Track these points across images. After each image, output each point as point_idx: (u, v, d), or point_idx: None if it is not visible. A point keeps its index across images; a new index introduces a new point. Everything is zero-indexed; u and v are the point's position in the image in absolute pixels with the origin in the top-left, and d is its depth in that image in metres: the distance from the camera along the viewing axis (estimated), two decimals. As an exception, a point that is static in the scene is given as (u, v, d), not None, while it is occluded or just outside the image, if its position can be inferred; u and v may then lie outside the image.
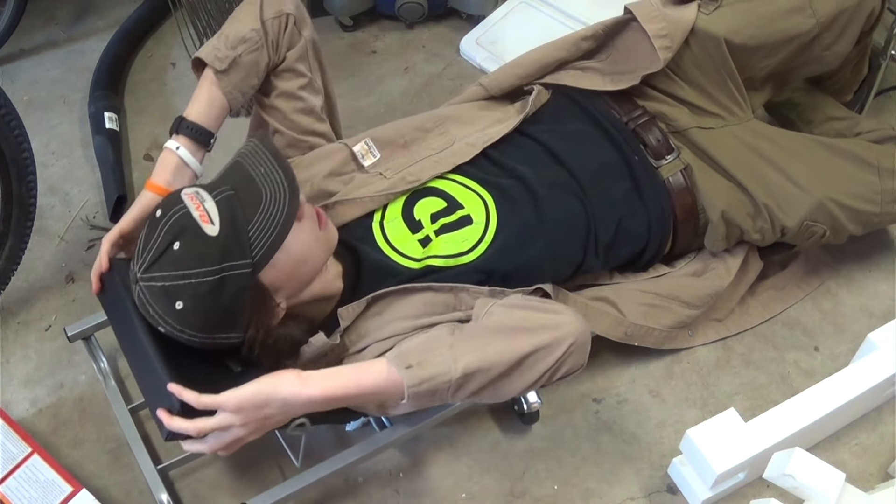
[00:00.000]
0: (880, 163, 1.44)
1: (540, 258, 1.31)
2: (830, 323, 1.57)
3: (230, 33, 1.29)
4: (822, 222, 1.41)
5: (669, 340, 1.48)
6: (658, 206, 1.39)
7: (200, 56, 1.29)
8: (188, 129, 1.26)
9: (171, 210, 1.09)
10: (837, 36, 1.44)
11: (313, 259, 1.18)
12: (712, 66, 1.43)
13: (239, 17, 1.31)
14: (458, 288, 1.24)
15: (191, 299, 1.07)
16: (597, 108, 1.45)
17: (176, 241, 1.07)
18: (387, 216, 1.32)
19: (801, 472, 1.12)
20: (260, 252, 1.09)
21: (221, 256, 1.07)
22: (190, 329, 1.10)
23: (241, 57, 1.28)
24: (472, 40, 2.09)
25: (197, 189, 1.12)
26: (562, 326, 1.09)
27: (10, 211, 1.47)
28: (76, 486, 1.27)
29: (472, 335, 1.11)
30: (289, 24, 1.32)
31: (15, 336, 1.57)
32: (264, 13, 1.30)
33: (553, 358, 1.08)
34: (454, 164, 1.35)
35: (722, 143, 1.43)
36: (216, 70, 1.27)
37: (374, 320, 1.23)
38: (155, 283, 1.08)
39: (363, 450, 1.28)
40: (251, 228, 1.09)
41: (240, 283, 1.08)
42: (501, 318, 1.12)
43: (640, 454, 1.39)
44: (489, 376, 1.07)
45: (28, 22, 2.14)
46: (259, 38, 1.29)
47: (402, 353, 1.09)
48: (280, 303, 1.16)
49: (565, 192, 1.35)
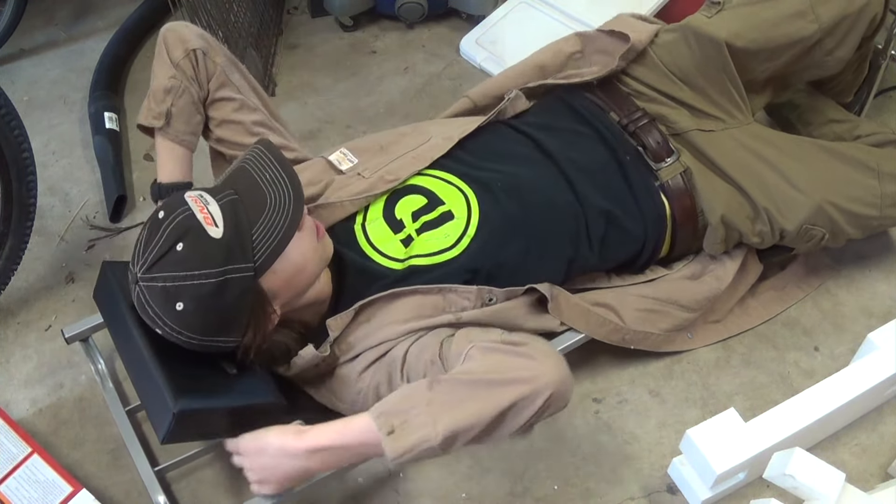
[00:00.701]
0: (880, 167, 1.44)
1: (525, 252, 1.30)
2: (830, 323, 1.57)
3: (154, 89, 1.34)
4: (822, 226, 1.41)
5: (667, 343, 1.48)
6: (652, 207, 1.39)
7: (139, 122, 1.33)
8: (168, 191, 1.32)
9: (174, 212, 1.09)
10: (839, 41, 1.44)
11: (310, 269, 1.19)
12: (713, 68, 1.43)
13: (155, 72, 1.35)
14: (445, 289, 1.24)
15: (192, 300, 1.07)
16: (589, 109, 1.45)
17: (179, 241, 1.07)
18: (368, 217, 1.32)
19: (801, 472, 1.12)
20: (263, 256, 1.09)
21: (225, 258, 1.07)
22: (188, 331, 1.10)
23: (172, 106, 1.32)
24: (472, 40, 2.09)
25: (201, 192, 1.13)
26: (540, 377, 1.05)
27: (10, 211, 1.47)
28: (76, 486, 1.27)
29: (450, 389, 1.06)
30: (198, 58, 1.34)
31: (15, 336, 1.57)
32: (173, 57, 1.33)
33: (534, 408, 1.05)
34: (432, 158, 1.36)
35: (722, 146, 1.43)
36: (159, 128, 1.32)
37: (363, 328, 1.23)
38: (156, 284, 1.08)
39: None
40: (255, 232, 1.09)
41: (242, 287, 1.09)
42: (479, 367, 1.09)
43: (640, 454, 1.39)
44: (472, 434, 1.05)
45: (28, 22, 2.14)
46: (179, 81, 1.33)
47: (383, 411, 1.07)
48: (276, 309, 1.17)
49: (553, 185, 1.35)
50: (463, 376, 1.07)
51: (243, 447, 1.14)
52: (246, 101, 1.39)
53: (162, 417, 1.10)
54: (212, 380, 1.17)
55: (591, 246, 1.35)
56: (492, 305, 1.26)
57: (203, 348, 1.13)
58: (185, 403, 1.09)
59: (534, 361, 1.08)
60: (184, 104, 1.33)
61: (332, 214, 1.32)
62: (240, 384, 1.18)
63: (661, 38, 1.49)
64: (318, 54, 2.14)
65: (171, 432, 1.10)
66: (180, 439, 1.17)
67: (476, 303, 1.25)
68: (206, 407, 1.13)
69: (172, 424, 1.09)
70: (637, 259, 1.43)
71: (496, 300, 1.26)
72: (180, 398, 1.09)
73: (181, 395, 1.10)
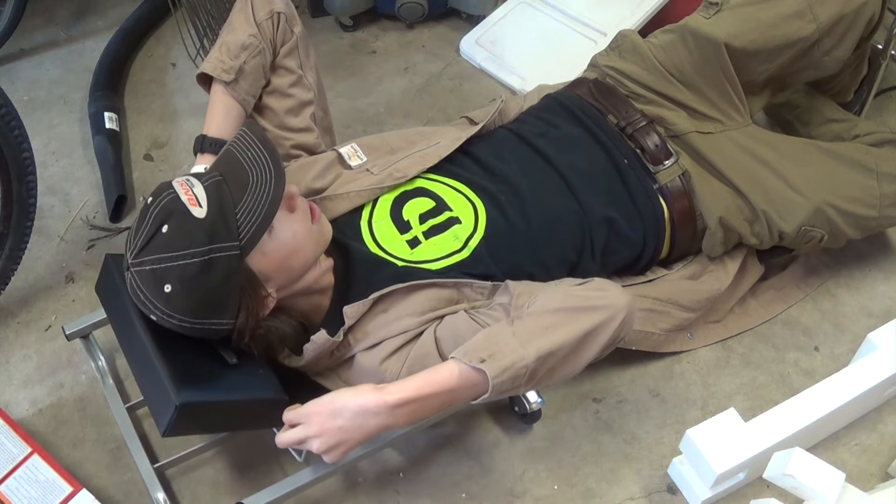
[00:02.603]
0: (878, 167, 1.44)
1: (530, 261, 1.30)
2: (830, 323, 1.57)
3: (230, 43, 1.30)
4: (820, 227, 1.41)
5: (668, 343, 1.48)
6: (650, 210, 1.39)
7: (206, 71, 1.30)
8: (212, 146, 1.29)
9: (160, 196, 1.10)
10: (837, 41, 1.44)
11: (305, 251, 1.18)
12: (711, 69, 1.43)
13: (233, 24, 1.33)
14: (461, 283, 1.24)
15: (179, 281, 1.08)
16: (587, 113, 1.45)
17: (164, 224, 1.08)
18: (375, 215, 1.32)
19: (801, 472, 1.12)
20: (248, 234, 1.09)
21: (209, 238, 1.07)
22: (179, 314, 1.10)
23: (245, 64, 1.30)
24: (472, 40, 2.09)
25: (188, 176, 1.13)
26: (614, 304, 1.12)
27: (10, 211, 1.47)
28: (76, 486, 1.27)
29: (531, 321, 1.11)
30: (281, 22, 1.34)
31: (15, 336, 1.57)
32: (257, 16, 1.31)
33: (611, 330, 1.11)
34: (440, 156, 1.36)
35: (720, 148, 1.42)
36: (225, 82, 1.28)
37: (379, 318, 1.23)
38: (144, 268, 1.08)
39: (362, 449, 1.28)
40: (238, 211, 1.09)
41: (228, 266, 1.09)
42: (554, 300, 1.13)
43: (640, 454, 1.39)
44: (558, 357, 1.09)
45: (28, 22, 2.14)
46: (258, 41, 1.31)
47: (468, 350, 1.08)
48: (270, 292, 1.16)
49: (556, 194, 1.35)
50: (542, 309, 1.11)
51: (311, 413, 1.09)
52: (303, 78, 1.39)
53: (164, 410, 1.09)
54: (214, 372, 1.16)
55: (593, 255, 1.35)
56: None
57: (196, 332, 1.13)
58: (188, 396, 1.09)
59: (604, 291, 1.14)
60: (256, 64, 1.31)
61: (337, 206, 1.32)
62: (243, 378, 1.18)
63: (659, 38, 1.49)
64: (318, 54, 2.11)
65: (174, 425, 1.09)
66: (182, 432, 1.16)
67: (490, 298, 1.25)
68: (208, 400, 1.12)
69: (175, 417, 1.08)
70: (637, 262, 1.43)
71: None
72: (183, 390, 1.09)
73: (184, 387, 1.09)
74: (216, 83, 1.31)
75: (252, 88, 1.33)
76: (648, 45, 1.48)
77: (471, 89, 2.02)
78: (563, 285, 1.20)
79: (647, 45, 1.49)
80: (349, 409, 1.07)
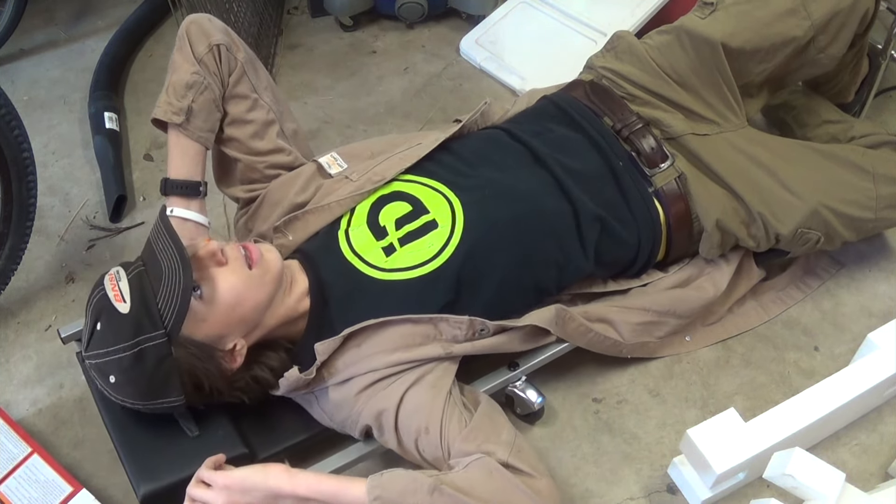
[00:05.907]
0: (875, 169, 1.44)
1: (513, 262, 1.29)
2: (830, 323, 1.57)
3: (175, 83, 1.31)
4: (817, 229, 1.41)
5: (663, 348, 1.48)
6: (645, 213, 1.39)
7: (157, 116, 1.31)
8: (175, 188, 1.31)
9: (93, 293, 1.16)
10: (832, 38, 1.44)
11: (250, 299, 1.18)
12: (708, 70, 1.43)
13: (176, 64, 1.33)
14: (436, 318, 1.24)
15: (120, 372, 1.14)
16: (582, 114, 1.45)
17: (98, 321, 1.14)
18: (353, 223, 1.32)
19: (801, 472, 1.12)
20: (171, 321, 1.11)
21: (135, 331, 1.11)
22: (130, 399, 1.17)
23: (193, 103, 1.30)
24: (472, 40, 2.09)
25: (119, 268, 1.17)
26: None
27: (10, 211, 1.47)
28: (76, 486, 1.27)
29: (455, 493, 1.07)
30: (222, 53, 1.33)
31: (15, 336, 1.57)
32: (196, 52, 1.32)
33: None
34: (419, 156, 1.36)
35: (716, 150, 1.42)
36: (177, 124, 1.30)
37: (352, 353, 1.23)
38: (92, 361, 1.16)
39: (361, 450, 1.28)
40: (159, 300, 1.12)
41: (158, 353, 1.12)
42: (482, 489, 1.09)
43: (640, 454, 1.39)
44: None
45: (28, 22, 2.14)
46: (202, 77, 1.31)
47: (381, 496, 1.08)
48: (235, 344, 1.18)
49: (545, 191, 1.34)
50: (465, 497, 1.08)
51: (224, 484, 1.11)
52: (259, 101, 1.38)
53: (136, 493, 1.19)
54: (176, 447, 1.22)
55: (585, 253, 1.34)
56: (483, 338, 1.26)
57: (153, 411, 1.18)
58: (150, 486, 1.18)
59: (538, 498, 1.11)
60: (205, 101, 1.31)
61: (319, 219, 1.33)
62: (204, 445, 1.21)
63: (655, 39, 1.49)
64: (318, 54, 2.14)
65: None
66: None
67: (468, 333, 1.25)
68: (172, 481, 1.18)
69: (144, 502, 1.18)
70: (633, 265, 1.43)
71: (488, 331, 1.26)
72: (143, 482, 1.18)
73: (144, 476, 1.19)
74: (170, 126, 1.31)
75: (206, 124, 1.33)
76: (644, 46, 1.48)
77: (471, 89, 2.02)
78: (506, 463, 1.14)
79: (643, 45, 1.49)
80: (260, 490, 1.10)
